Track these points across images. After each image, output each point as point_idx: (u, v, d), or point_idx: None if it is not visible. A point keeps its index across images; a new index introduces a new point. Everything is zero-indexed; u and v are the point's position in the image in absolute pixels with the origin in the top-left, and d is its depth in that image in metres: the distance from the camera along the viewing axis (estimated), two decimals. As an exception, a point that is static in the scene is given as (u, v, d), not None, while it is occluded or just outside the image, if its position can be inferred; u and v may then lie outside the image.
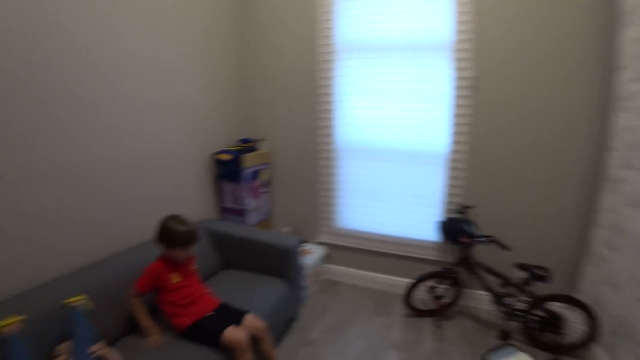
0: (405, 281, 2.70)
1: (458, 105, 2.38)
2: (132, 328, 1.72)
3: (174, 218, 1.72)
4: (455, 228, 2.35)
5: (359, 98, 2.66)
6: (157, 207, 2.20)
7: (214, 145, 2.75)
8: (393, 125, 2.59)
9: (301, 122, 2.86)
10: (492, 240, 2.20)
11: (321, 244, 2.97)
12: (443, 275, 2.39)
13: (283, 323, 2.26)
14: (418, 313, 2.49)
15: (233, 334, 1.61)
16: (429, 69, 2.43)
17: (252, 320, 1.76)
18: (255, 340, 1.72)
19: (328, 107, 2.73)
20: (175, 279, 1.71)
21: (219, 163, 2.66)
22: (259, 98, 3.00)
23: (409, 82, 2.50)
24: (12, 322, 1.25)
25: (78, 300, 1.46)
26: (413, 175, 2.60)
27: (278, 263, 2.25)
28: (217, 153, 2.69)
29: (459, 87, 2.36)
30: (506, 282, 2.18)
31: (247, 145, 2.86)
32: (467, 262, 2.32)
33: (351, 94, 2.67)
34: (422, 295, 2.51)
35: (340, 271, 2.98)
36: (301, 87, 2.81)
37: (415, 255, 2.66)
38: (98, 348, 1.40)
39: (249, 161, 2.70)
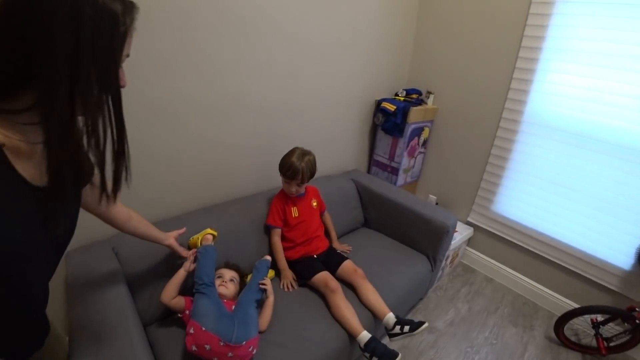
0: (561, 299, 2.28)
1: None
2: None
3: (301, 151, 1.77)
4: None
5: (573, 61, 1.99)
6: (311, 142, 2.14)
7: (377, 92, 2.51)
8: (611, 104, 1.91)
9: (483, 83, 2.35)
10: None
11: (469, 224, 2.65)
12: (624, 316, 1.88)
13: (412, 302, 2.17)
14: (566, 342, 2.09)
15: (322, 278, 1.67)
16: None
17: (348, 267, 1.78)
18: (352, 288, 1.74)
19: (528, 69, 2.14)
20: (294, 213, 1.82)
21: (382, 112, 2.44)
22: (430, 46, 2.55)
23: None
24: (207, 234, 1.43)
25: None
26: (620, 175, 1.95)
27: (428, 239, 2.07)
28: (380, 101, 2.46)
29: None
30: None
31: (413, 98, 2.53)
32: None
33: (563, 54, 2.01)
34: (579, 325, 2.08)
35: (480, 259, 2.66)
36: (490, 41, 2.25)
37: (588, 276, 2.15)
38: (267, 282, 1.53)
39: (415, 115, 2.40)
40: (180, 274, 1.37)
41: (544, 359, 1.99)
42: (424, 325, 1.55)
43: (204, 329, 1.21)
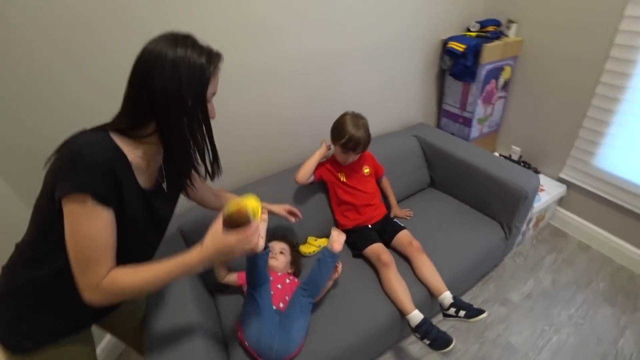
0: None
1: None
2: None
3: (354, 116, 1.60)
4: None
5: None
6: (368, 104, 1.95)
7: (443, 30, 2.10)
8: None
9: (585, 4, 1.78)
10: None
11: (561, 180, 2.22)
12: None
13: (481, 272, 1.96)
14: (683, 328, 1.70)
15: (375, 250, 1.58)
16: None
17: (403, 238, 1.65)
18: (408, 260, 1.61)
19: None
20: (342, 177, 1.70)
21: (449, 54, 2.06)
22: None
23: None
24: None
25: None
26: None
27: (502, 204, 1.80)
28: (447, 40, 2.06)
29: None
30: None
31: (489, 31, 2.06)
32: None
33: None
34: None
35: (574, 222, 2.25)
36: None
37: None
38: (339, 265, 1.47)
39: (490, 54, 1.98)
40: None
41: (646, 347, 1.67)
42: (482, 315, 1.38)
43: (246, 343, 1.23)
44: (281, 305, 1.33)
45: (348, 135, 1.54)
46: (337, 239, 1.41)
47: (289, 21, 1.55)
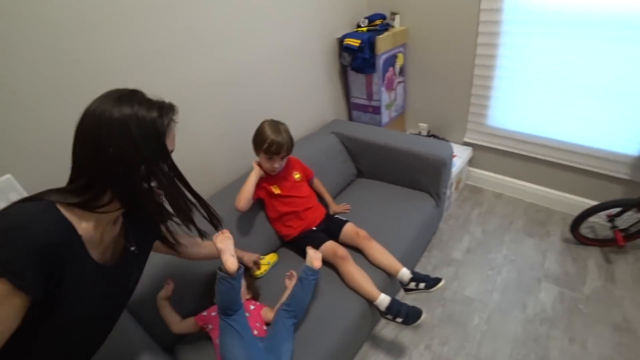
0: (573, 198, 2.21)
1: None
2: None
3: (272, 122, 1.60)
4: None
5: None
6: (284, 110, 1.97)
7: (337, 29, 2.23)
8: None
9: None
10: None
11: (466, 144, 2.50)
12: (638, 205, 1.81)
13: (425, 242, 2.11)
14: (583, 240, 2.06)
15: (329, 247, 1.58)
16: None
17: (349, 231, 1.69)
18: (359, 250, 1.66)
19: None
20: (276, 190, 1.67)
21: (347, 50, 2.18)
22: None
23: None
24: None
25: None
26: (619, 57, 1.75)
27: (426, 176, 1.95)
28: (342, 38, 2.19)
29: None
30: None
31: (377, 24, 2.24)
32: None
33: None
34: (595, 221, 2.03)
35: (485, 177, 2.56)
36: None
37: (597, 170, 2.05)
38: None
39: (383, 44, 2.15)
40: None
41: (565, 261, 1.98)
42: (441, 283, 1.49)
43: None
44: (255, 332, 1.26)
45: (269, 140, 1.53)
46: (315, 256, 1.43)
47: (184, 45, 1.49)
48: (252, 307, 1.38)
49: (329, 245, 1.61)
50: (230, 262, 1.07)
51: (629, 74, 1.76)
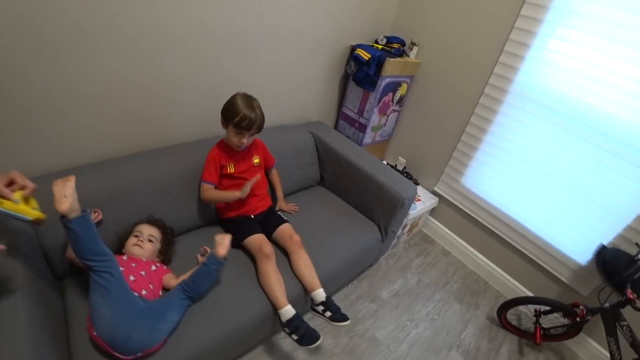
0: (512, 282, 2.22)
1: None
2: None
3: (245, 96, 1.50)
4: (622, 267, 1.63)
5: (579, 27, 1.69)
6: (266, 90, 1.90)
7: (354, 36, 2.18)
8: (608, 84, 1.67)
9: (474, 42, 2.04)
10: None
11: (435, 193, 2.49)
12: (567, 311, 1.81)
13: (357, 270, 2.06)
14: (506, 324, 2.05)
15: (257, 240, 1.52)
16: None
17: (284, 231, 1.63)
18: (287, 254, 1.60)
19: (528, 31, 1.83)
20: (230, 168, 1.59)
21: (355, 60, 2.13)
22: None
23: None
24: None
25: None
26: (599, 167, 1.77)
27: (382, 208, 1.91)
28: (355, 47, 2.14)
29: None
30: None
31: (393, 47, 2.21)
32: (612, 318, 1.68)
33: (571, 17, 1.71)
34: (522, 311, 2.03)
35: (441, 231, 2.55)
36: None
37: (542, 264, 2.06)
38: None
39: (392, 68, 2.11)
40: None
41: (481, 338, 1.96)
42: (345, 323, 1.43)
43: (95, 333, 1.04)
44: (144, 292, 1.17)
45: (241, 114, 1.44)
46: (222, 242, 1.34)
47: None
48: (153, 267, 1.30)
49: (258, 237, 1.54)
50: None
51: (600, 185, 1.78)
